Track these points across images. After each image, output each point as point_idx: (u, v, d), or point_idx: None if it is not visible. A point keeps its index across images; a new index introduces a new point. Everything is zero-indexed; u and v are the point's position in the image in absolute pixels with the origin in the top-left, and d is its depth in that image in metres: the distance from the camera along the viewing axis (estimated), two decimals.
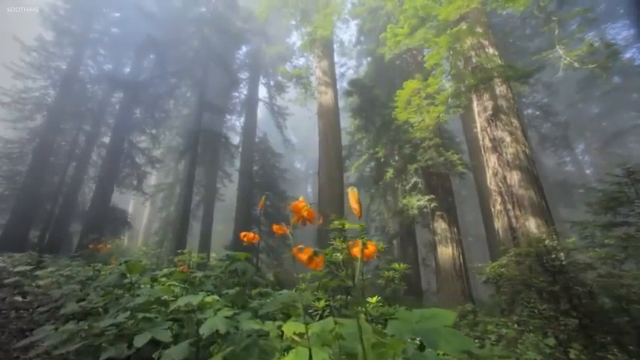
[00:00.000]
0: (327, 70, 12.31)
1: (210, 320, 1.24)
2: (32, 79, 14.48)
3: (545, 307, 2.22)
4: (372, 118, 11.39)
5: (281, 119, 17.81)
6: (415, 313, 0.83)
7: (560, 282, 2.32)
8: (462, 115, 11.81)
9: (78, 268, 2.53)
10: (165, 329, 1.21)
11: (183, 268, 1.94)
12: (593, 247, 3.17)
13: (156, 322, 1.25)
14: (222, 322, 1.23)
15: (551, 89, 15.38)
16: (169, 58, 14.31)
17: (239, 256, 1.88)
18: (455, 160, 9.04)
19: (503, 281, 2.91)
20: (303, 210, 0.95)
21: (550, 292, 2.32)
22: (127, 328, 1.24)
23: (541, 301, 2.62)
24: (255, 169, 15.73)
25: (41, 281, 2.22)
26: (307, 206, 0.95)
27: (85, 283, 2.03)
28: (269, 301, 1.46)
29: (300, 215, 0.95)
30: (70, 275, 2.38)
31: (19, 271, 2.50)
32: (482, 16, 8.27)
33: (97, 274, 2.21)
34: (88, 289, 1.89)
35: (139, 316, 1.26)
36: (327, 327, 0.97)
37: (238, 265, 1.75)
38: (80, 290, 1.91)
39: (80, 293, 1.84)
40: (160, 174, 20.77)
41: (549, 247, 2.55)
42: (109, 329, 1.23)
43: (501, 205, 6.38)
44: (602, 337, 1.98)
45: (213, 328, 1.21)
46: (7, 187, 13.43)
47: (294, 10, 12.50)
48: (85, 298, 1.75)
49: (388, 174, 10.41)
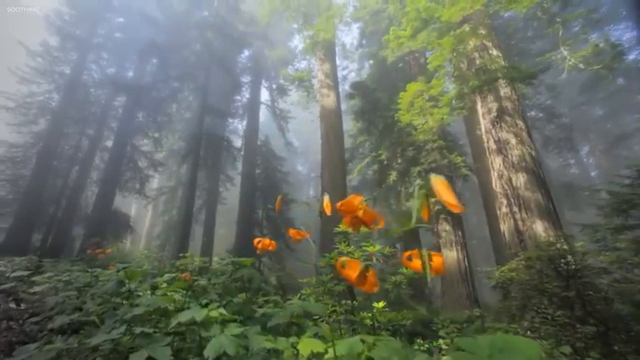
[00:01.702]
0: (329, 72, 12.31)
1: (216, 340, 1.12)
2: (37, 83, 14.61)
3: (559, 314, 2.13)
4: (374, 120, 11.35)
5: (283, 122, 17.83)
6: (483, 343, 0.62)
7: (574, 287, 2.23)
8: (465, 117, 11.74)
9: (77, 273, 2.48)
10: (165, 345, 1.12)
11: (186, 276, 1.86)
12: (605, 250, 3.08)
13: (155, 337, 1.15)
14: (229, 342, 1.11)
15: (555, 91, 15.28)
16: (172, 62, 14.39)
17: (245, 262, 1.78)
18: (459, 162, 8.96)
19: (514, 286, 2.82)
20: (357, 208, 0.69)
21: (564, 298, 2.23)
22: (122, 344, 1.15)
23: (553, 306, 2.53)
24: (257, 172, 15.71)
25: (38, 287, 2.16)
26: (363, 203, 0.69)
27: (82, 290, 1.96)
28: (278, 311, 1.34)
29: (353, 215, 0.69)
30: (69, 281, 2.32)
31: (16, 277, 2.44)
32: (485, 18, 8.24)
33: (95, 280, 2.14)
34: (84, 297, 1.82)
35: (136, 330, 1.16)
36: (355, 348, 0.82)
37: (244, 271, 1.64)
38: (77, 298, 1.84)
39: (76, 301, 1.78)
40: (163, 177, 20.82)
41: (562, 250, 2.47)
42: (102, 345, 1.14)
43: (507, 207, 6.28)
44: (621, 346, 1.89)
45: (219, 349, 1.08)
46: (10, 190, 13.47)
47: (296, 14, 12.54)
48: (81, 307, 1.68)
49: (391, 177, 10.33)
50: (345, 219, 0.70)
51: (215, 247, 14.96)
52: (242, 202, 14.45)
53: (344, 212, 0.69)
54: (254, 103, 17.60)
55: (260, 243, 1.41)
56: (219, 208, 16.66)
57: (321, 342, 0.97)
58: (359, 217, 0.68)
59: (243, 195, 14.58)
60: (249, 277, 1.61)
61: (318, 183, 11.27)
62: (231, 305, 1.54)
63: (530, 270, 2.89)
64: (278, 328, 1.37)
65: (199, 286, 1.88)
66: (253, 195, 14.84)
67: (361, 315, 2.58)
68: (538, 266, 2.74)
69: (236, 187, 16.38)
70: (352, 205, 0.68)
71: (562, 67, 6.97)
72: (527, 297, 2.77)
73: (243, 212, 14.18)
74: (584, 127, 22.18)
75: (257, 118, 17.42)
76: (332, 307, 2.49)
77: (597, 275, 2.39)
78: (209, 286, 1.92)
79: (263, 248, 1.39)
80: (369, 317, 2.56)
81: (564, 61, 6.97)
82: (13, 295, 2.13)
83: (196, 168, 12.77)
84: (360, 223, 0.69)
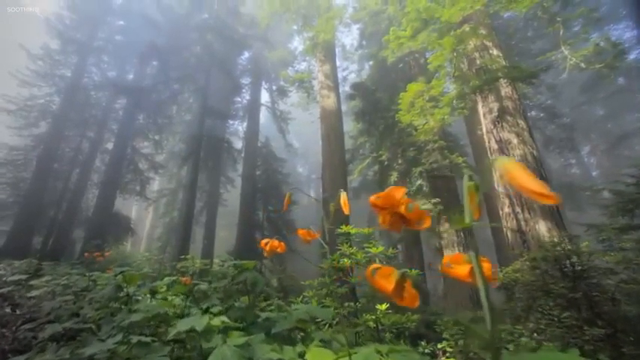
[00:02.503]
0: (329, 73, 12.31)
1: (218, 351, 1.04)
2: (37, 86, 14.64)
3: (566, 315, 2.09)
4: (374, 121, 11.33)
5: (283, 124, 17.83)
6: None
7: (581, 288, 2.19)
8: (466, 117, 11.72)
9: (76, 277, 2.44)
10: (164, 356, 1.06)
11: (186, 280, 1.80)
12: (610, 250, 3.04)
13: (153, 347, 1.10)
14: (232, 353, 1.02)
15: (555, 91, 15.26)
16: (172, 64, 14.42)
17: (247, 265, 1.71)
18: (460, 162, 8.93)
19: (519, 287, 2.78)
20: (399, 203, 0.56)
21: (570, 299, 2.19)
22: (118, 354, 1.09)
23: (559, 308, 2.49)
24: (257, 173, 15.69)
25: (36, 291, 2.12)
26: (405, 197, 0.55)
27: (79, 294, 1.92)
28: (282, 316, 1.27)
29: (393, 212, 0.55)
30: (67, 284, 2.29)
31: (14, 281, 2.39)
32: (486, 18, 8.23)
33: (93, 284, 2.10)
34: (81, 302, 1.78)
35: (134, 339, 1.10)
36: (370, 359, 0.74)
37: (247, 275, 1.57)
38: (74, 303, 1.80)
39: (73, 307, 1.73)
40: (163, 179, 20.80)
41: (568, 251, 2.44)
42: (98, 355, 1.09)
43: (509, 207, 6.24)
44: (630, 348, 1.85)
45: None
46: (11, 193, 13.46)
47: (296, 16, 12.56)
48: (78, 312, 1.64)
49: (392, 177, 10.29)
50: (383, 216, 0.57)
51: (216, 249, 14.92)
52: (243, 204, 14.42)
53: (380, 208, 0.57)
54: (254, 104, 17.61)
55: (268, 245, 1.29)
56: (220, 210, 16.62)
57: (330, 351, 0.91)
58: (401, 214, 0.55)
59: (244, 197, 14.56)
60: (253, 281, 1.53)
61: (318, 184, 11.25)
62: (233, 310, 1.48)
63: (535, 271, 2.85)
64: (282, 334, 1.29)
65: (200, 291, 1.83)
66: (254, 196, 14.81)
67: (365, 317, 2.54)
68: (543, 267, 2.71)
69: (236, 188, 16.35)
70: (393, 199, 0.55)
71: (563, 67, 6.95)
72: (532, 298, 2.73)
73: (244, 214, 14.15)
74: (585, 127, 22.13)
75: (257, 119, 17.42)
76: (335, 309, 2.45)
77: (604, 276, 2.35)
78: (210, 290, 1.87)
79: (271, 250, 1.27)
80: (373, 320, 2.53)
81: (565, 60, 6.95)
82: (9, 300, 2.08)
83: (197, 170, 12.75)
84: (402, 221, 0.56)
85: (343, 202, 0.91)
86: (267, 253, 1.23)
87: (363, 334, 2.71)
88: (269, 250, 1.24)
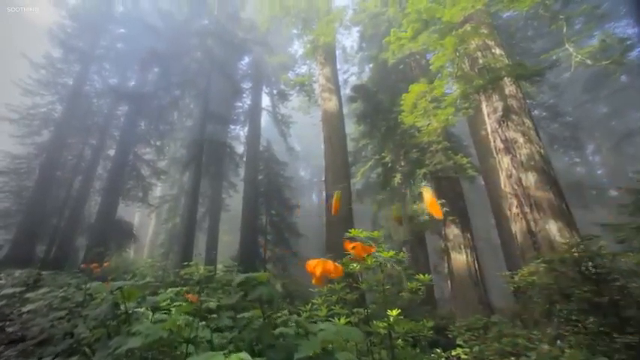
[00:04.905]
0: (330, 76, 12.27)
1: None
2: (40, 95, 14.73)
3: (592, 321, 1.98)
4: (376, 123, 11.25)
5: (285, 127, 17.80)
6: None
7: (607, 292, 2.07)
8: (469, 118, 11.62)
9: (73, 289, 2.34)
10: None
11: (193, 298, 1.65)
12: (629, 251, 2.92)
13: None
14: None
15: (558, 90, 15.16)
16: (173, 70, 14.46)
17: (261, 278, 1.49)
18: (464, 163, 8.81)
19: (536, 291, 2.66)
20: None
21: (594, 304, 2.07)
22: None
23: (581, 313, 2.37)
24: (259, 178, 15.62)
25: (31, 305, 2.01)
26: None
27: (74, 311, 1.81)
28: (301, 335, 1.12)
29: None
30: (65, 297, 2.19)
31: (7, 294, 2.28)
32: (487, 18, 8.17)
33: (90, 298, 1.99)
34: (76, 320, 1.66)
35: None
36: None
37: (263, 290, 1.34)
38: (68, 320, 1.69)
39: (67, 325, 1.62)
40: (165, 185, 20.78)
41: (589, 252, 2.32)
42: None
43: (518, 208, 6.10)
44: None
45: None
46: (14, 202, 13.45)
47: (296, 19, 12.58)
48: (72, 332, 1.52)
49: (395, 179, 10.18)
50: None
51: (219, 255, 14.82)
52: (245, 209, 14.34)
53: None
54: (255, 109, 17.60)
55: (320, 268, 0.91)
56: (223, 215, 16.55)
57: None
58: None
59: (246, 201, 14.48)
60: (269, 297, 1.33)
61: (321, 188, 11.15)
62: (247, 331, 1.34)
63: (552, 273, 2.73)
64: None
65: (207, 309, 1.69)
66: (256, 201, 14.73)
67: (376, 325, 2.43)
68: (561, 269, 2.58)
69: (239, 193, 16.29)
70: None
71: (568, 64, 6.85)
72: (551, 302, 2.60)
73: (247, 218, 14.06)
74: (588, 125, 21.96)
75: (258, 123, 17.40)
76: (345, 317, 2.34)
77: (628, 278, 2.23)
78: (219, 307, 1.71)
79: (324, 274, 0.92)
80: (384, 327, 2.41)
81: (569, 58, 6.85)
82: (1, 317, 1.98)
83: (199, 175, 12.70)
84: None
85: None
86: (317, 281, 0.92)
87: (374, 343, 2.59)
88: (319, 277, 0.91)
